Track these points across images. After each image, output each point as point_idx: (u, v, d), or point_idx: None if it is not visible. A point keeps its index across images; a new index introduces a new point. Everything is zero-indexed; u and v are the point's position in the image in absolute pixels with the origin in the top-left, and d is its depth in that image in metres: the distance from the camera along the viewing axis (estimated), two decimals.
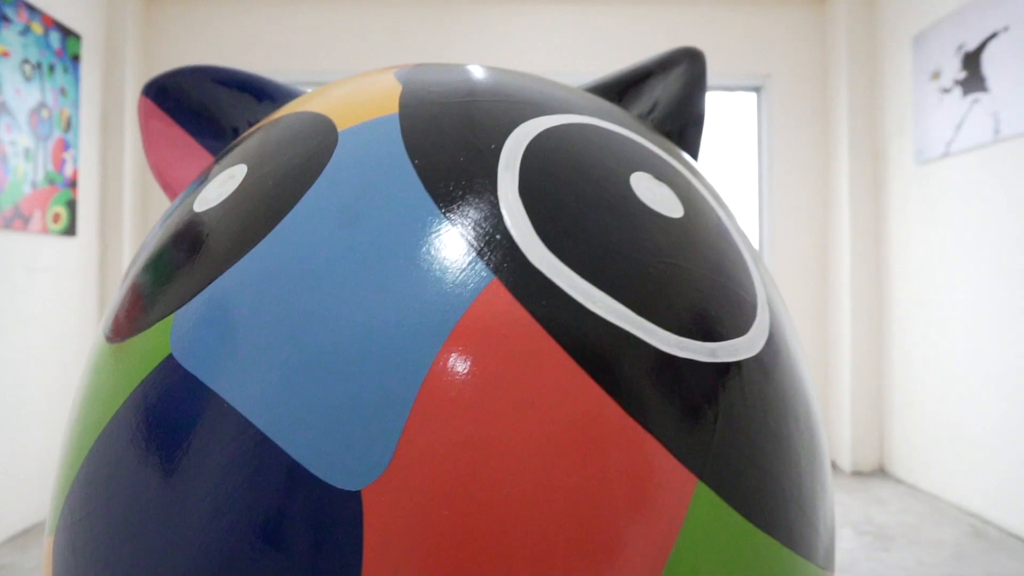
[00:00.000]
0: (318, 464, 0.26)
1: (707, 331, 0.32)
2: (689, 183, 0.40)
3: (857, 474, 3.22)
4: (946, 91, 2.82)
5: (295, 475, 0.26)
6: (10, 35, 2.46)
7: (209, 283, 0.31)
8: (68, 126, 2.80)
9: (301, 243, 0.31)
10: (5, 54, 2.44)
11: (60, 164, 2.75)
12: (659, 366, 0.30)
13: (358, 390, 0.27)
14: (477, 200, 0.31)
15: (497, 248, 0.29)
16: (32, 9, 2.58)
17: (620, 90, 0.61)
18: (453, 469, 0.26)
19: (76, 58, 2.86)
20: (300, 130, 0.39)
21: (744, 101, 3.59)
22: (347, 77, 0.50)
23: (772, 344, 0.35)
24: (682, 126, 0.65)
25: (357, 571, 0.25)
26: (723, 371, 0.31)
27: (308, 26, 3.34)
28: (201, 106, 0.60)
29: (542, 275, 0.29)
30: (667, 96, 0.63)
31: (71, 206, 2.81)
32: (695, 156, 0.70)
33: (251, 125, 0.59)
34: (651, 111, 0.63)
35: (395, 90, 0.41)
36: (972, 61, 2.67)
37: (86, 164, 2.93)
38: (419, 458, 0.26)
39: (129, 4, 3.12)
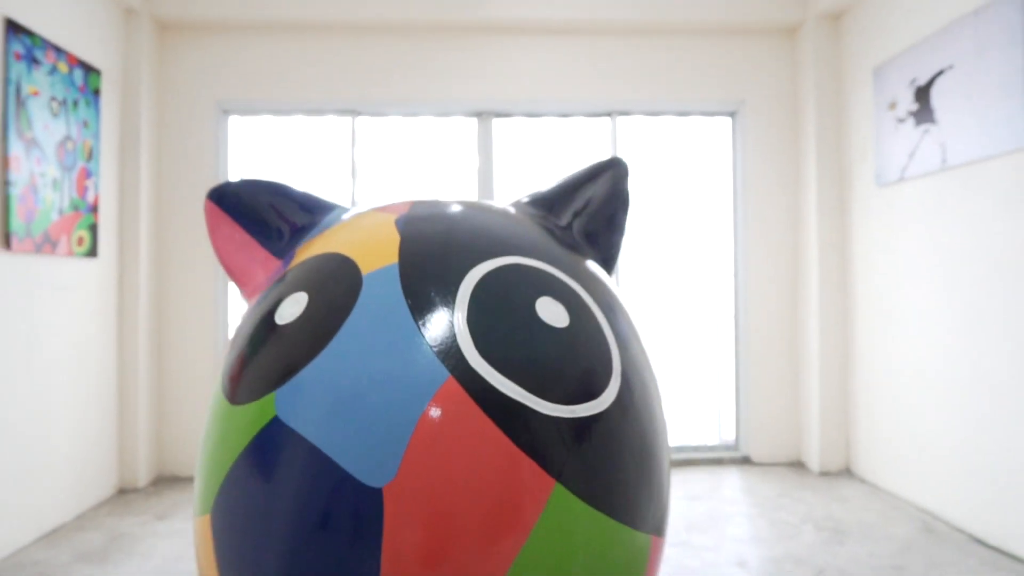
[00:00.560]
0: (359, 472, 0.48)
1: (571, 399, 0.54)
2: (580, 299, 0.62)
3: (825, 474, 3.45)
4: (901, 121, 3.05)
5: (346, 479, 0.48)
6: (40, 76, 2.69)
7: (295, 374, 0.54)
8: (90, 155, 3.02)
9: (346, 352, 0.53)
10: (35, 93, 2.66)
11: (83, 191, 2.97)
12: (538, 421, 0.52)
13: (381, 433, 0.49)
14: (443, 327, 0.54)
15: (452, 357, 0.52)
16: (58, 50, 2.80)
17: (559, 197, 0.84)
18: (428, 478, 0.48)
19: (97, 92, 3.08)
20: (338, 270, 0.61)
21: (720, 125, 3.83)
22: (360, 215, 0.71)
23: (617, 402, 0.58)
24: (611, 214, 0.88)
25: (379, 529, 0.47)
26: (579, 421, 0.54)
27: (311, 58, 3.56)
28: (252, 210, 0.82)
29: (476, 372, 0.52)
30: (598, 195, 0.86)
31: (93, 230, 3.03)
32: (623, 234, 0.93)
33: (291, 226, 0.81)
34: (586, 206, 0.86)
35: (395, 241, 0.63)
36: (923, 94, 2.91)
37: (106, 190, 3.15)
38: (411, 471, 0.48)
39: (144, 38, 3.34)
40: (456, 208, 0.70)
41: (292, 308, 0.60)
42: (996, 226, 2.51)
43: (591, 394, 0.57)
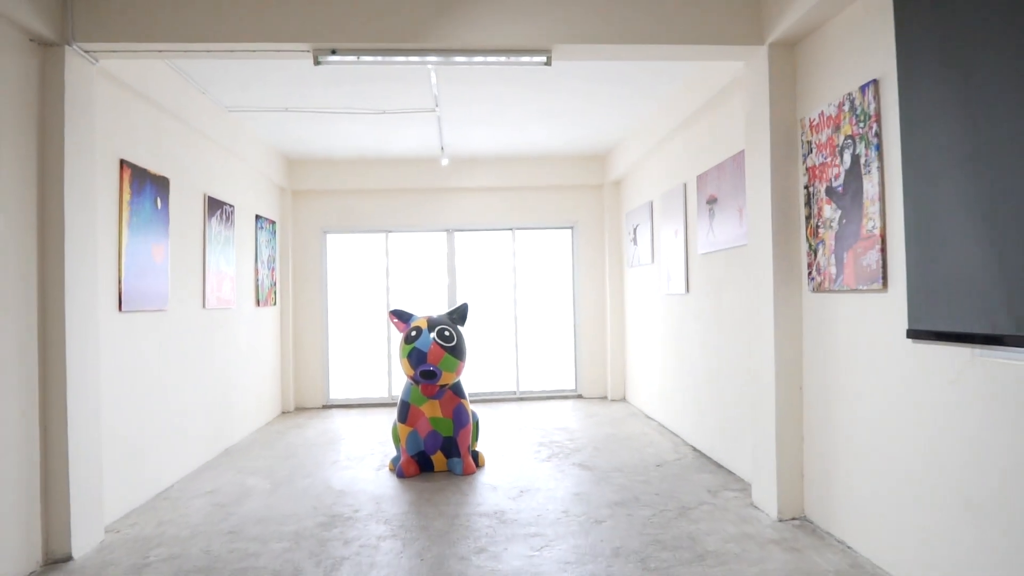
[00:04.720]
0: (423, 349, 4.22)
1: (448, 342, 4.28)
2: (451, 331, 4.33)
3: (613, 401, 7.31)
4: (631, 242, 6.92)
5: (422, 352, 4.20)
6: (262, 233, 6.47)
7: (415, 342, 4.28)
8: (274, 261, 6.81)
9: (421, 340, 4.25)
10: (264, 242, 6.45)
11: (273, 277, 6.75)
12: (445, 347, 4.25)
13: (426, 347, 4.22)
14: (434, 335, 4.26)
15: (433, 340, 4.25)
16: (266, 219, 6.58)
17: (455, 311, 4.63)
18: (431, 352, 4.21)
19: (275, 232, 6.87)
20: (419, 328, 4.33)
21: (565, 234, 7.68)
22: (420, 317, 4.42)
23: (455, 343, 4.30)
24: (462, 317, 4.71)
25: (426, 355, 4.20)
26: (450, 346, 4.27)
27: (365, 204, 7.35)
28: (399, 314, 4.63)
29: (438, 341, 4.24)
30: (459, 314, 4.68)
31: (275, 294, 6.81)
32: (465, 321, 4.76)
33: (407, 319, 4.62)
34: (457, 315, 4.70)
35: (426, 322, 4.36)
36: (635, 233, 6.78)
37: (279, 275, 6.94)
38: (431, 352, 4.21)
39: (288, 200, 7.13)
40: (436, 315, 4.48)
41: (413, 333, 4.37)
42: (654, 287, 6.39)
43: (452, 341, 4.37)
